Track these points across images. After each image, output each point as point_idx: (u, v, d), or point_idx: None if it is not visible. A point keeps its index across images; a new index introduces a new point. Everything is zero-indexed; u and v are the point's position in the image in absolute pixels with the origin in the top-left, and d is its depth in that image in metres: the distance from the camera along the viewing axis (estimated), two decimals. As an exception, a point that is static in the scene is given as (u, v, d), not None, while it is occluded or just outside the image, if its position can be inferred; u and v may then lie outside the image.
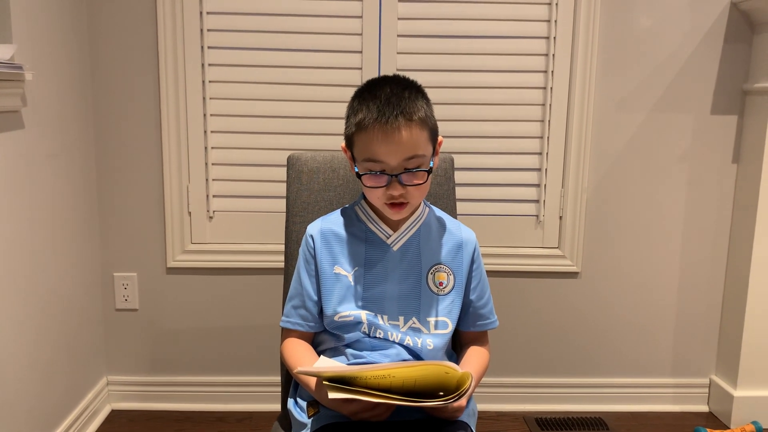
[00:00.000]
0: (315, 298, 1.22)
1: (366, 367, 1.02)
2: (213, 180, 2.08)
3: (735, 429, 2.08)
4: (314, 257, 1.23)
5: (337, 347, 1.22)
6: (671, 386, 2.27)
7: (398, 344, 1.19)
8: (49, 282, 1.80)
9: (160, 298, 2.16)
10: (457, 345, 1.32)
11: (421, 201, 1.25)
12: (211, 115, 2.05)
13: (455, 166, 1.47)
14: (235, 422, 2.13)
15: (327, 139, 2.04)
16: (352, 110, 1.16)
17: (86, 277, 2.04)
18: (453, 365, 1.02)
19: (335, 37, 2.02)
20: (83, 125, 1.99)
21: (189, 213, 2.10)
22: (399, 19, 2.01)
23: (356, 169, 1.17)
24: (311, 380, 1.14)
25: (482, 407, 2.18)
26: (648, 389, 2.26)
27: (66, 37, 1.87)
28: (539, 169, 2.12)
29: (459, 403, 1.03)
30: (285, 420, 1.30)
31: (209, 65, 2.02)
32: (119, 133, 2.05)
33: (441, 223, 1.28)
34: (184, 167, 2.07)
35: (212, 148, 2.07)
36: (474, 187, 2.11)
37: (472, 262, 1.26)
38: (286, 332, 1.26)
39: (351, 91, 1.21)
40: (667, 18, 2.05)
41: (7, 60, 1.52)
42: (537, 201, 2.14)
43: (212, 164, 2.08)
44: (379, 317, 1.20)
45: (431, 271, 1.23)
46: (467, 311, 1.26)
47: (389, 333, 1.19)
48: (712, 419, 2.21)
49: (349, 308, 1.20)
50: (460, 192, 1.77)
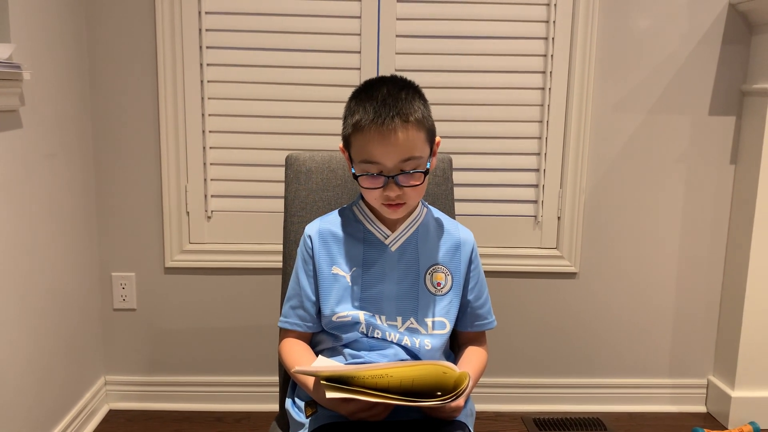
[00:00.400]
0: (313, 299, 1.22)
1: (363, 367, 1.02)
2: (211, 180, 2.08)
3: (733, 430, 2.09)
4: (312, 257, 1.23)
5: (335, 347, 1.22)
6: (669, 387, 2.27)
7: (396, 344, 1.19)
8: (47, 281, 1.80)
9: (158, 298, 2.16)
10: (455, 345, 1.32)
11: (419, 201, 1.25)
12: (210, 115, 2.05)
13: (453, 167, 1.47)
14: (233, 422, 2.13)
15: (325, 139, 2.04)
16: (349, 111, 1.16)
17: (84, 277, 2.04)
18: (450, 365, 1.02)
19: (334, 38, 2.02)
20: (81, 125, 1.99)
21: (187, 213, 2.10)
22: (398, 20, 2.01)
23: (353, 170, 1.17)
24: (309, 380, 1.14)
25: (480, 407, 2.18)
26: (646, 390, 2.26)
27: (64, 37, 1.87)
28: (537, 170, 2.12)
29: (457, 403, 1.03)
30: (283, 420, 1.30)
31: (208, 65, 2.02)
32: (117, 133, 2.05)
33: (439, 224, 1.28)
34: (183, 167, 2.07)
35: (210, 148, 2.07)
36: (472, 188, 2.11)
37: (470, 263, 1.26)
38: (284, 332, 1.26)
39: (349, 92, 1.20)
40: (666, 19, 2.05)
41: (6, 59, 1.52)
42: (535, 201, 2.14)
43: (210, 164, 2.08)
44: (377, 317, 1.20)
45: (429, 272, 1.23)
46: (465, 311, 1.26)
47: (387, 333, 1.19)
48: (710, 420, 2.21)
49: (347, 308, 1.20)
50: (459, 192, 1.77)
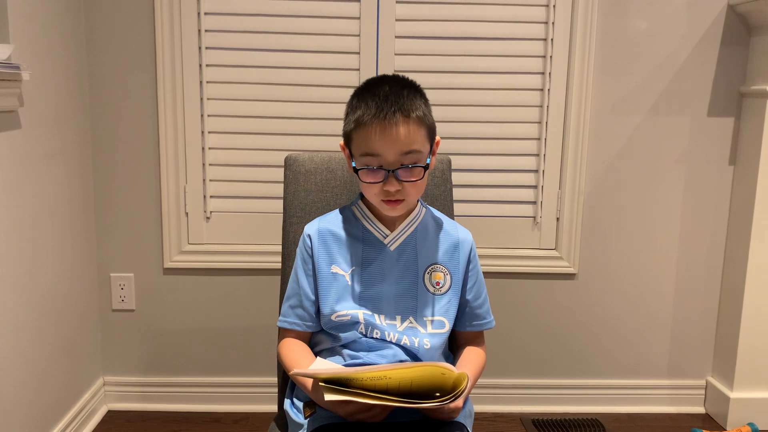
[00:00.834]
0: (312, 298, 1.22)
1: (362, 369, 1.03)
2: (210, 180, 2.08)
3: (731, 430, 2.09)
4: (311, 257, 1.23)
5: (334, 347, 1.22)
6: (668, 388, 2.27)
7: (395, 344, 1.19)
8: (46, 282, 1.80)
9: (157, 299, 2.15)
10: (454, 345, 1.32)
11: (418, 200, 1.25)
12: (209, 116, 2.05)
13: (452, 168, 1.47)
14: (232, 423, 2.13)
15: (325, 140, 2.04)
16: (351, 108, 1.17)
17: (83, 278, 2.04)
18: (449, 366, 1.02)
19: (333, 38, 2.02)
20: (80, 125, 1.99)
21: (186, 213, 2.10)
22: (397, 21, 2.01)
23: (353, 165, 1.17)
24: (308, 381, 1.14)
25: (479, 408, 2.18)
26: (644, 391, 2.26)
27: (63, 37, 1.87)
28: (536, 171, 2.12)
29: (455, 404, 1.03)
30: (282, 421, 1.30)
31: (207, 66, 2.02)
32: (116, 134, 2.05)
33: (438, 223, 1.28)
34: (182, 168, 2.06)
35: (210, 149, 2.07)
36: (471, 189, 2.11)
37: (469, 262, 1.26)
38: (283, 332, 1.27)
39: (349, 92, 1.21)
40: (665, 20, 2.05)
41: (5, 60, 1.52)
42: (534, 202, 2.14)
43: (209, 165, 2.08)
44: (376, 317, 1.20)
45: (428, 271, 1.23)
46: (464, 311, 1.26)
47: (386, 333, 1.19)
48: (709, 421, 2.21)
49: (347, 307, 1.20)
50: (458, 193, 1.77)
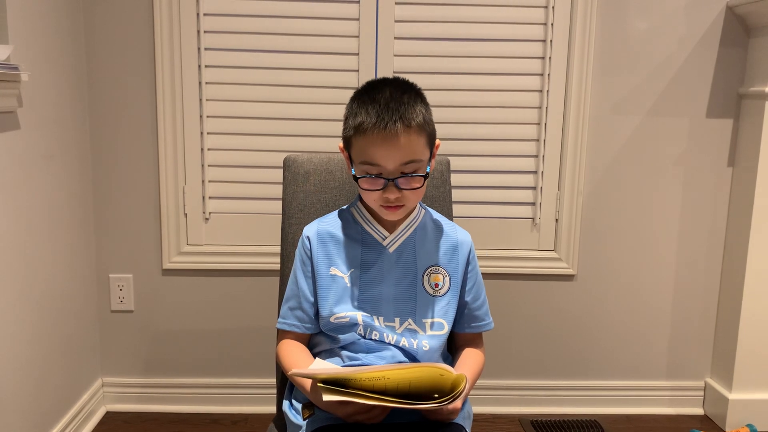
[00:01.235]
0: (311, 299, 1.22)
1: (360, 369, 1.03)
2: (209, 181, 2.08)
3: (730, 432, 2.09)
4: (311, 258, 1.23)
5: (333, 349, 1.22)
6: (666, 389, 2.27)
7: (394, 346, 1.19)
8: (45, 283, 1.80)
9: (156, 300, 2.15)
10: (452, 347, 1.32)
11: (417, 203, 1.25)
12: (208, 117, 2.05)
13: (451, 169, 1.47)
14: (231, 424, 2.13)
15: (324, 141, 2.04)
16: (351, 112, 1.16)
17: (82, 278, 2.04)
18: (447, 367, 1.02)
19: (332, 40, 2.02)
20: (79, 126, 1.99)
21: (185, 214, 2.10)
22: (396, 22, 2.01)
23: (353, 172, 1.17)
24: (306, 382, 1.14)
25: (477, 410, 2.18)
26: (643, 392, 2.26)
27: (62, 38, 1.87)
28: (535, 172, 2.12)
29: (454, 405, 1.04)
30: (280, 422, 1.30)
31: (206, 66, 2.02)
32: (115, 134, 2.05)
33: (437, 225, 1.28)
34: (180, 169, 2.06)
35: (208, 150, 2.07)
36: (470, 190, 2.11)
37: (468, 264, 1.26)
38: (282, 333, 1.26)
39: (348, 93, 1.21)
40: (663, 21, 2.06)
41: (4, 60, 1.52)
42: (533, 203, 2.14)
43: (208, 166, 2.07)
44: (375, 318, 1.20)
45: (427, 273, 1.23)
46: (462, 313, 1.26)
47: (385, 334, 1.19)
48: (707, 422, 2.21)
49: (345, 309, 1.20)
50: (456, 194, 1.77)
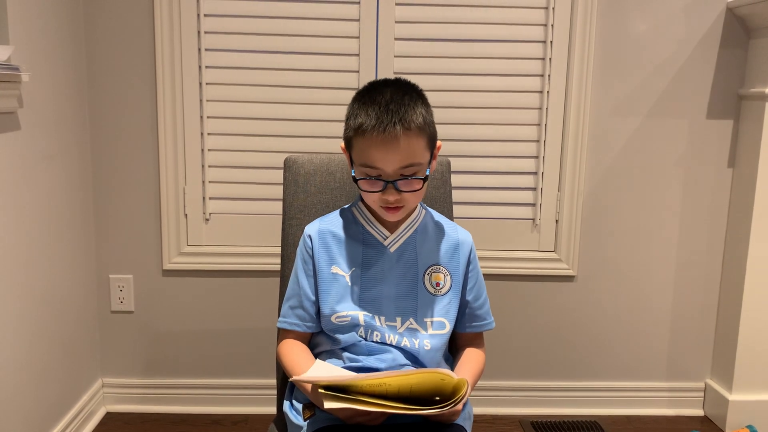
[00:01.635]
0: (312, 298, 1.22)
1: (361, 376, 1.03)
2: (209, 182, 2.08)
3: (730, 433, 2.09)
4: (312, 257, 1.23)
5: (333, 350, 1.22)
6: (667, 390, 2.27)
7: (395, 347, 1.19)
8: (45, 283, 1.80)
9: (156, 301, 2.15)
10: (453, 347, 1.32)
11: (418, 204, 1.25)
12: (208, 117, 2.05)
13: (452, 170, 1.47)
14: (231, 425, 2.13)
15: (324, 142, 2.04)
16: (352, 113, 1.17)
17: (82, 279, 2.04)
18: (448, 372, 1.02)
19: (333, 40, 2.02)
20: (80, 126, 1.99)
21: (185, 215, 2.10)
22: (396, 23, 2.01)
23: (353, 173, 1.17)
24: (307, 384, 1.14)
25: (478, 410, 2.18)
26: (643, 393, 2.26)
27: (63, 39, 1.87)
28: (535, 173, 2.12)
29: (455, 409, 1.03)
30: (281, 423, 1.30)
31: (206, 67, 2.02)
32: (116, 135, 2.05)
33: (437, 225, 1.28)
34: (181, 169, 2.06)
35: (209, 150, 2.07)
36: (470, 191, 2.11)
37: (469, 263, 1.26)
38: (283, 333, 1.27)
39: (348, 94, 1.21)
40: (664, 22, 2.06)
41: (4, 61, 1.52)
42: (533, 204, 2.14)
43: (209, 166, 2.07)
44: (377, 318, 1.20)
45: (428, 272, 1.23)
46: (464, 312, 1.26)
47: (386, 334, 1.19)
48: (708, 423, 2.21)
49: (347, 308, 1.20)
50: (457, 195, 1.77)
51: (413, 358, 1.20)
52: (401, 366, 1.18)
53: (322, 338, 1.24)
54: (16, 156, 1.64)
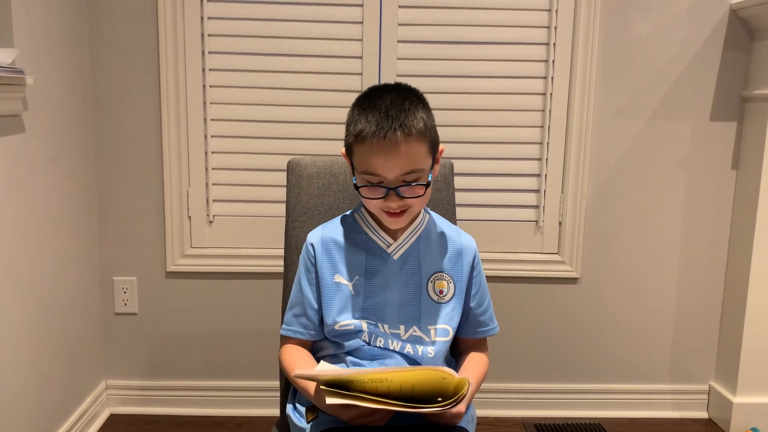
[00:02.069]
0: (316, 307, 1.22)
1: (363, 371, 1.03)
2: (213, 184, 2.09)
3: (734, 435, 2.09)
4: (315, 265, 1.22)
5: (337, 354, 1.22)
6: (670, 392, 2.26)
7: (398, 353, 1.19)
8: (49, 285, 1.80)
9: (160, 303, 2.16)
10: (456, 351, 1.32)
11: (422, 209, 1.24)
12: (212, 120, 2.05)
13: (455, 172, 1.47)
14: (234, 427, 2.13)
15: (327, 144, 2.05)
16: (352, 119, 1.15)
17: (86, 281, 2.04)
18: (450, 371, 1.02)
19: (336, 43, 2.03)
20: (84, 129, 2.00)
21: (189, 217, 2.10)
22: (399, 25, 2.02)
23: (354, 180, 1.16)
24: (310, 386, 1.14)
25: (481, 413, 2.18)
26: (647, 395, 2.26)
27: (67, 42, 1.88)
28: (539, 175, 2.12)
29: (458, 409, 1.03)
30: (284, 425, 1.30)
31: (210, 70, 2.02)
32: (120, 137, 2.06)
33: (441, 230, 1.27)
34: (185, 171, 2.07)
35: (212, 153, 2.07)
36: (474, 193, 2.11)
37: (472, 269, 1.25)
38: (286, 339, 1.26)
39: (351, 97, 1.20)
40: (667, 24, 2.06)
41: (9, 64, 1.53)
42: (536, 206, 2.14)
43: (212, 169, 2.08)
44: (380, 326, 1.20)
45: (431, 280, 1.23)
46: (467, 318, 1.26)
47: (390, 342, 1.19)
48: (712, 426, 2.20)
49: (350, 318, 1.20)
50: (460, 197, 1.77)
51: (416, 365, 1.19)
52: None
53: (326, 343, 1.24)
54: (21, 158, 1.65)
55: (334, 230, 1.25)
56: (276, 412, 1.55)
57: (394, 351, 1.19)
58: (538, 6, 2.03)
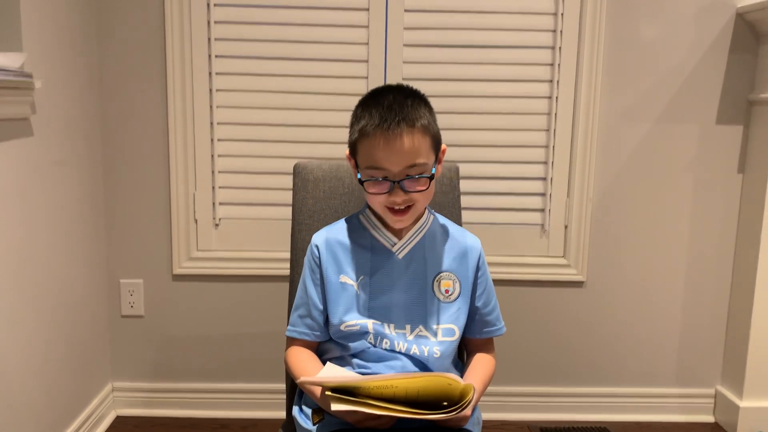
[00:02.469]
0: (321, 308, 1.23)
1: (369, 378, 1.03)
2: (219, 188, 2.10)
3: (741, 440, 2.08)
4: (320, 266, 1.23)
5: (343, 356, 1.22)
6: (676, 396, 2.26)
7: (404, 354, 1.19)
8: (56, 288, 1.81)
9: (166, 305, 2.16)
10: (463, 352, 1.32)
11: (425, 208, 1.25)
12: (218, 124, 2.06)
13: (460, 175, 1.48)
14: (240, 429, 2.13)
15: (333, 148, 2.05)
16: (356, 117, 1.18)
17: (92, 284, 2.05)
18: (455, 377, 1.02)
19: (342, 47, 2.03)
20: (91, 133, 2.01)
21: (195, 220, 2.11)
22: (405, 29, 2.02)
23: (359, 176, 1.17)
24: (316, 388, 1.15)
25: (486, 416, 2.17)
26: (653, 399, 2.25)
27: (75, 46, 1.89)
28: (545, 179, 2.12)
29: (463, 414, 1.03)
30: (290, 427, 1.30)
31: (216, 74, 2.03)
32: (127, 141, 2.07)
33: (445, 230, 1.28)
34: (191, 175, 2.08)
35: (219, 156, 2.08)
36: (479, 196, 2.11)
37: (478, 269, 1.26)
38: (291, 341, 1.27)
39: (357, 101, 1.21)
40: (673, 28, 2.05)
41: (17, 68, 1.54)
42: (542, 210, 2.14)
43: (219, 172, 2.09)
44: (386, 326, 1.20)
45: (437, 279, 1.23)
46: (474, 318, 1.26)
47: (396, 342, 1.19)
48: (718, 430, 2.19)
49: (356, 317, 1.20)
50: (466, 201, 1.77)
51: (422, 366, 1.20)
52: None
53: (331, 345, 1.25)
54: (29, 162, 1.66)
55: (339, 231, 1.26)
56: (282, 415, 1.55)
57: (400, 353, 1.19)
58: (544, 10, 2.03)
